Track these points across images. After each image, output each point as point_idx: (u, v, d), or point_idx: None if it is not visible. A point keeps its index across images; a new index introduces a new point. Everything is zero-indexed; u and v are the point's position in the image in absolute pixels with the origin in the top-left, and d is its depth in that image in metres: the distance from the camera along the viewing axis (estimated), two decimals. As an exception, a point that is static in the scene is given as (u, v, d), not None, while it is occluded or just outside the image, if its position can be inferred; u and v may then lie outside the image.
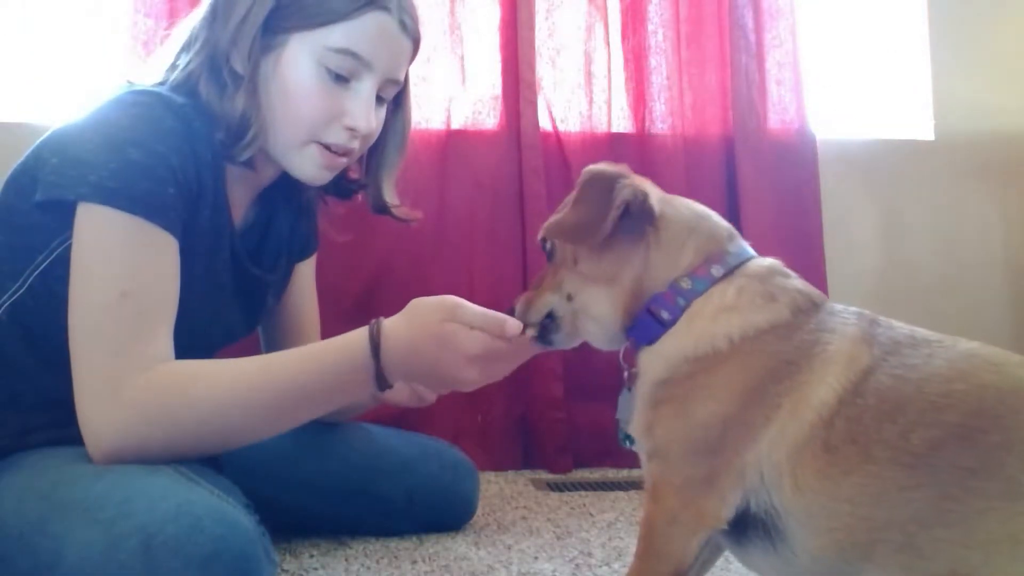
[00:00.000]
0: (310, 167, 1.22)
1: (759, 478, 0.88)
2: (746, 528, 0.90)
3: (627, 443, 1.05)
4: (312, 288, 1.54)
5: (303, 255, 1.48)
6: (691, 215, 1.03)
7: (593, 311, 1.03)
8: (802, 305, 0.96)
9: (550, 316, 1.05)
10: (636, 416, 0.98)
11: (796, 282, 0.99)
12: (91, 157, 1.05)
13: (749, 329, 0.93)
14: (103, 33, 2.08)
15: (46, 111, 2.01)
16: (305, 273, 1.51)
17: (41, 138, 1.13)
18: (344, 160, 1.24)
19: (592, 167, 1.03)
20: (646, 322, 0.98)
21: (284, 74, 1.16)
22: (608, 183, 0.99)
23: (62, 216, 1.06)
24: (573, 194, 1.03)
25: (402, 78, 1.26)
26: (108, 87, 1.16)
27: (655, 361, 0.96)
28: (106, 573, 0.88)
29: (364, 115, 1.19)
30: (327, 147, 1.20)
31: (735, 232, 1.04)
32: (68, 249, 1.07)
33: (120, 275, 1.04)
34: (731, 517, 0.90)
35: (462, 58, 2.20)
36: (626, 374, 1.02)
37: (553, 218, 1.04)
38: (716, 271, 0.98)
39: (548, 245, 1.06)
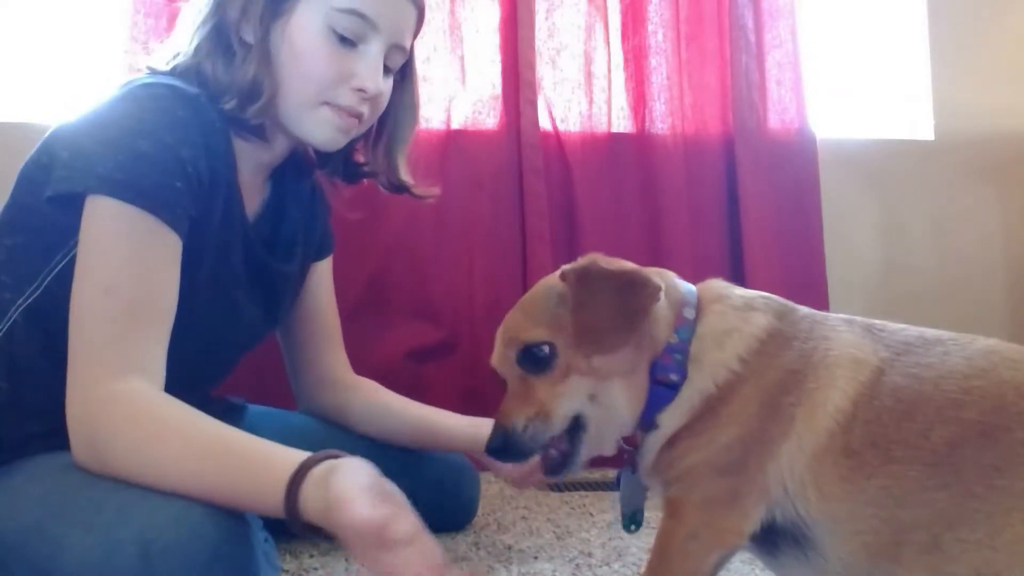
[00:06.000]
0: (325, 129, 1.22)
1: (783, 491, 0.88)
2: (776, 539, 0.90)
3: (631, 527, 1.04)
4: (331, 293, 1.53)
5: (319, 253, 1.48)
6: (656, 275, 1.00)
7: (620, 407, 0.96)
8: (780, 310, 0.97)
9: (575, 424, 0.97)
10: (651, 460, 0.97)
11: (746, 289, 1.00)
12: (100, 149, 1.03)
13: (753, 343, 0.94)
14: (103, 33, 2.08)
15: (46, 111, 2.01)
16: (323, 276, 1.51)
17: (49, 132, 1.12)
18: (356, 124, 1.24)
19: (588, 267, 0.96)
20: (658, 392, 0.95)
21: (294, 37, 1.17)
22: (619, 281, 0.95)
23: (77, 213, 1.04)
24: (570, 299, 0.96)
25: (408, 45, 1.27)
26: (123, 79, 1.14)
27: (673, 415, 0.95)
28: None
29: (372, 76, 1.20)
30: (338, 108, 1.21)
31: (665, 271, 1.03)
32: None
33: (111, 270, 1.01)
34: (754, 532, 0.90)
35: (462, 58, 2.20)
36: (627, 456, 1.00)
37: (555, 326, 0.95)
38: (688, 313, 0.97)
39: (547, 350, 0.95)
